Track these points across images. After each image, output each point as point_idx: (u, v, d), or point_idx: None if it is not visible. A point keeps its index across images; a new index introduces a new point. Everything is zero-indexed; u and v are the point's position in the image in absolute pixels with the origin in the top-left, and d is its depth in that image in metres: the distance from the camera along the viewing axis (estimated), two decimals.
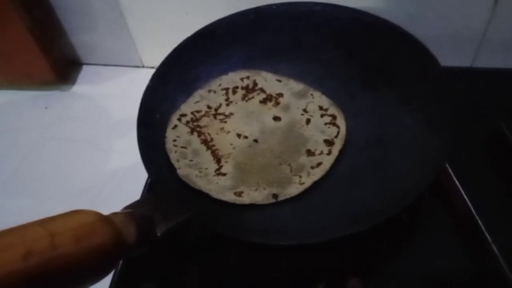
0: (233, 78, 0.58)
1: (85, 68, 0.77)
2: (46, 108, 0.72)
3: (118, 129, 0.67)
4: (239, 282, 0.48)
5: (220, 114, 0.56)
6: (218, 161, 0.52)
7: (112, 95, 0.72)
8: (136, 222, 0.34)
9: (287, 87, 0.58)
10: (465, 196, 0.49)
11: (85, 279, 0.31)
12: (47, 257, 0.27)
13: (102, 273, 0.33)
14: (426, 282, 0.46)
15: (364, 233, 0.40)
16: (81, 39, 0.74)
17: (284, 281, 0.48)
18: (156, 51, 0.58)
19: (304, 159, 0.51)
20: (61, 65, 0.73)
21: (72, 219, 0.30)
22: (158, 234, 0.36)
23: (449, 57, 0.52)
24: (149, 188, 0.55)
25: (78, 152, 0.65)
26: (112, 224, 0.32)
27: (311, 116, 0.55)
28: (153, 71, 0.55)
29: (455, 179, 0.50)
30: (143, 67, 0.76)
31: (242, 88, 0.58)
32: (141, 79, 0.54)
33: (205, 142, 0.53)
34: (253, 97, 0.57)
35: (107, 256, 0.31)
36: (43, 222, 0.29)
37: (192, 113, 0.55)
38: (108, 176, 0.62)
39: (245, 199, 0.48)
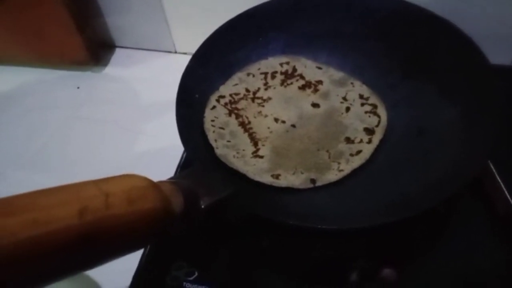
0: (272, 63, 0.58)
1: (118, 51, 0.77)
2: (78, 88, 0.72)
3: (148, 113, 0.67)
4: (269, 266, 0.48)
5: (258, 98, 0.56)
6: (255, 143, 0.51)
7: (144, 79, 0.72)
8: (182, 192, 0.34)
9: (326, 75, 0.57)
10: (507, 195, 0.48)
11: (130, 244, 0.31)
12: (101, 215, 0.27)
13: (147, 240, 0.33)
14: (460, 276, 0.45)
15: (400, 222, 0.40)
16: (116, 21, 0.74)
17: (316, 268, 0.47)
18: (189, 37, 0.57)
19: (343, 146, 0.51)
20: (94, 46, 0.73)
21: (125, 182, 0.30)
22: (203, 206, 0.36)
23: (489, 54, 0.51)
24: (181, 170, 0.54)
25: (107, 133, 0.65)
26: (162, 191, 0.32)
27: (350, 104, 0.54)
28: (185, 57, 0.55)
29: (497, 177, 0.49)
30: (176, 52, 0.75)
31: (281, 73, 0.57)
32: (173, 64, 0.54)
33: (242, 124, 0.53)
34: (292, 83, 0.57)
35: (156, 222, 0.31)
36: (97, 182, 0.29)
37: (230, 95, 0.55)
38: (136, 158, 0.62)
39: (283, 182, 0.47)
